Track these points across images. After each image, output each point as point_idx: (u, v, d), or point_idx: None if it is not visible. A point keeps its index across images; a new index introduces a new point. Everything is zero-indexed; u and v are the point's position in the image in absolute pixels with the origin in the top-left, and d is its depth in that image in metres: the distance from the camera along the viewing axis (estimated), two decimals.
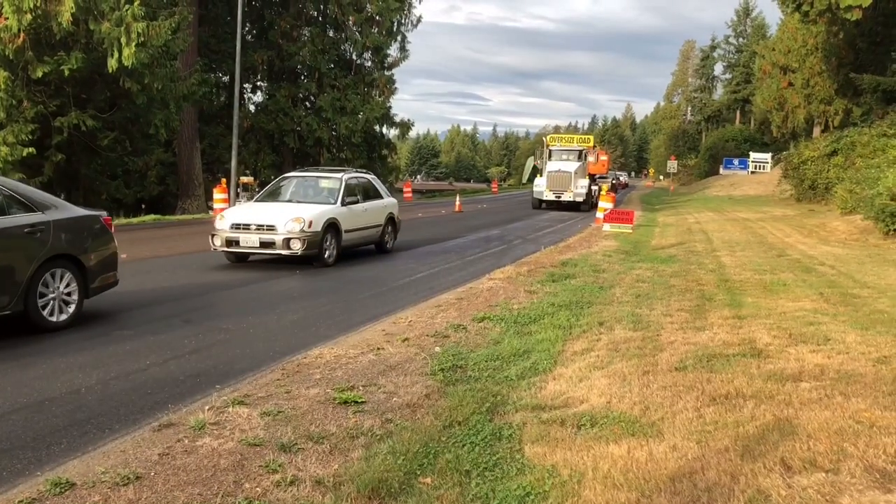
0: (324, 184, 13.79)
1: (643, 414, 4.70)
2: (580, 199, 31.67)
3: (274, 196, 13.85)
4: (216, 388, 5.45)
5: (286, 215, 11.97)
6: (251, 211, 12.75)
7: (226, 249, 12.09)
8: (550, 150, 35.45)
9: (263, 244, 11.87)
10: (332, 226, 12.43)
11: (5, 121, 20.04)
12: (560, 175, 32.06)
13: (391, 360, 6.22)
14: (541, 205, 32.55)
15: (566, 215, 28.34)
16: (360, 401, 5.07)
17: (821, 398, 4.88)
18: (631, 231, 19.36)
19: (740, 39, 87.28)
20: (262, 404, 4.96)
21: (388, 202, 15.00)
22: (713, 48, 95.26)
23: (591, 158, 35.09)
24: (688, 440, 4.20)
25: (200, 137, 32.36)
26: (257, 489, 3.70)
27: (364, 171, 16.39)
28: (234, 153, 27.32)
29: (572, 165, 32.62)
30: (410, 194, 42.92)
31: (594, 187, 34.00)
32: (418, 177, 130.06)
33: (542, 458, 4.06)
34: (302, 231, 11.74)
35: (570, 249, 15.35)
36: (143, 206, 31.29)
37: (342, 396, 5.10)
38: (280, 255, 11.83)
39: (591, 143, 37.50)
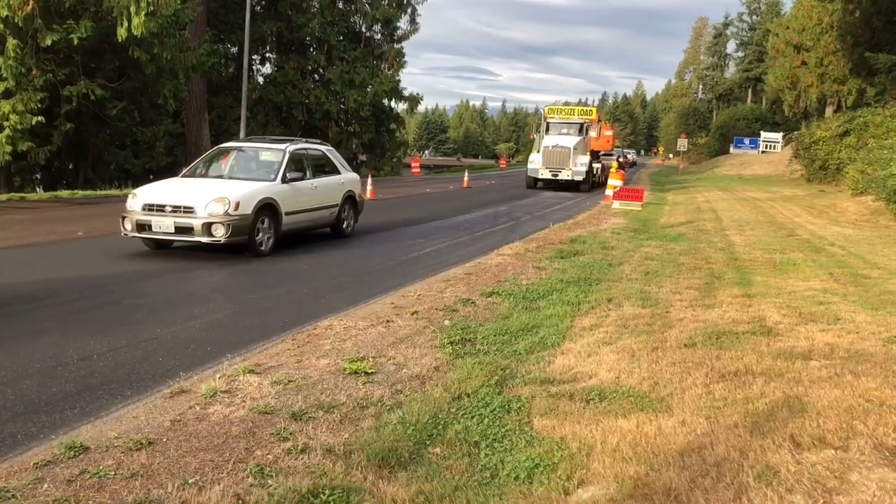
0: (264, 156, 11.82)
1: (652, 389, 4.71)
2: (579, 177, 28.55)
3: (204, 170, 11.81)
4: (227, 357, 5.47)
5: (208, 195, 9.99)
6: (170, 189, 10.75)
7: (137, 235, 10.12)
8: (548, 123, 31.48)
9: (179, 229, 9.84)
10: (267, 207, 10.42)
11: (14, 89, 20.01)
12: (557, 151, 28.73)
13: (400, 332, 6.24)
14: (536, 184, 29.40)
15: (575, 193, 28.03)
16: (369, 371, 5.09)
17: (830, 376, 4.88)
18: (640, 209, 19.30)
19: (754, 17, 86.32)
20: (273, 373, 5.00)
21: (346, 178, 13.08)
22: (726, 25, 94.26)
23: (593, 133, 31.39)
24: (697, 416, 4.21)
25: (209, 109, 32.31)
26: (268, 456, 3.73)
27: (319, 141, 14.15)
28: (242, 125, 27.27)
29: (571, 140, 29.23)
30: (419, 169, 42.88)
31: (596, 165, 31.66)
32: (426, 152, 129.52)
33: (550, 431, 4.07)
34: (226, 214, 9.73)
35: (579, 226, 15.32)
36: (152, 176, 31.24)
37: (352, 367, 5.12)
38: (200, 242, 9.89)
39: (594, 116, 32.92)
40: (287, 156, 11.42)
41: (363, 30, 40.82)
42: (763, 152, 58.60)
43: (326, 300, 7.79)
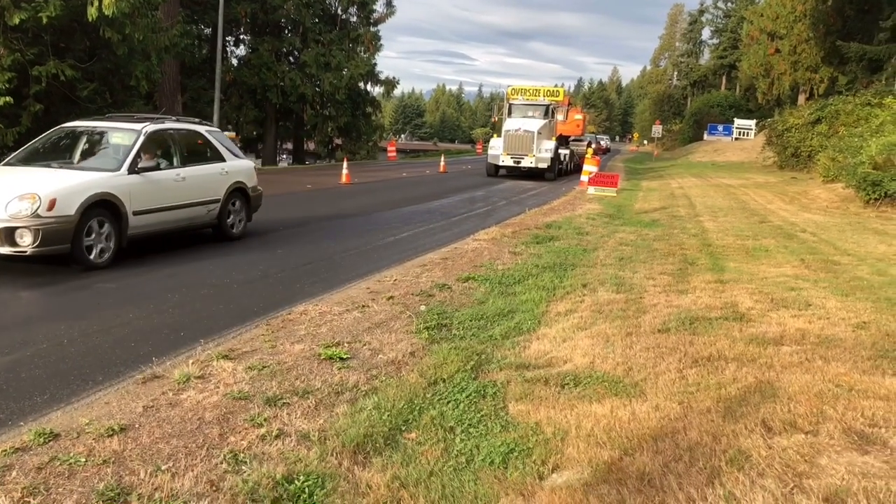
0: (114, 138, 9.32)
1: (626, 374, 4.75)
2: (544, 164, 26.25)
3: (33, 158, 9.20)
4: (200, 343, 5.42)
5: (13, 190, 7.61)
6: None
7: None
8: (511, 105, 28.91)
9: None
10: (102, 205, 8.10)
11: None
12: (520, 135, 26.26)
13: (376, 317, 6.22)
14: (497, 171, 27.14)
15: (544, 180, 27.80)
16: (345, 357, 5.07)
17: (801, 362, 4.95)
18: (615, 195, 19.39)
19: (729, 4, 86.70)
20: (247, 359, 4.96)
21: (233, 166, 10.54)
22: (701, 13, 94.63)
23: (560, 116, 29.26)
24: (670, 401, 4.25)
25: (182, 91, 31.85)
26: (242, 442, 3.70)
27: (198, 120, 11.44)
28: (216, 107, 26.96)
29: (535, 123, 26.80)
30: (395, 154, 42.65)
31: (564, 151, 29.92)
32: (402, 136, 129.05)
33: (525, 416, 4.09)
34: (35, 216, 7.40)
35: (555, 212, 15.36)
36: None
37: (327, 352, 5.10)
38: None
39: (562, 98, 30.49)
40: (142, 138, 9.03)
41: (339, 12, 40.40)
42: (736, 139, 59.03)
43: (301, 285, 7.74)
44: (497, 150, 26.82)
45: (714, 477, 3.29)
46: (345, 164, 23.22)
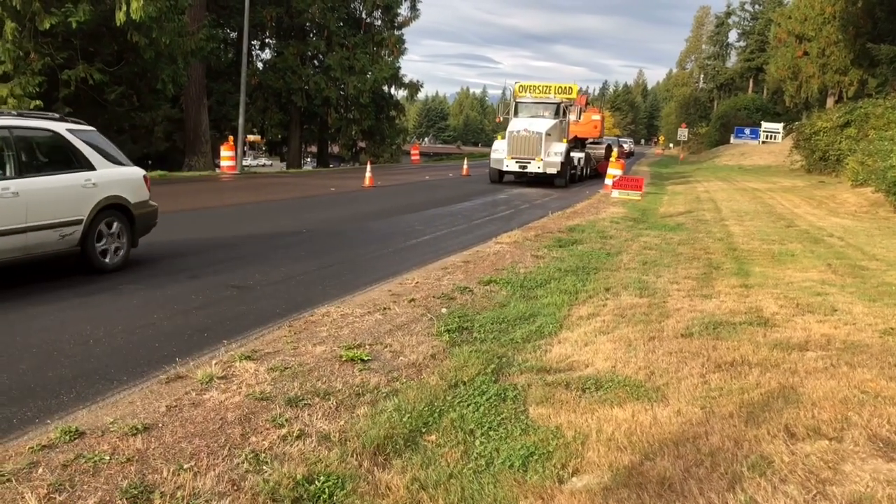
0: None
1: (648, 379, 4.72)
2: (552, 169, 23.37)
3: None
4: (223, 343, 5.47)
5: None
6: None
7: None
8: (517, 103, 26.00)
9: None
10: None
11: (13, 73, 19.91)
12: (526, 136, 23.39)
13: (397, 319, 6.24)
14: (501, 177, 24.48)
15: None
16: (366, 359, 5.09)
17: (826, 367, 4.89)
18: (640, 198, 19.28)
19: (756, 6, 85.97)
20: (270, 360, 5.00)
21: (104, 176, 8.08)
22: (728, 15, 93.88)
23: (573, 116, 26.24)
24: (692, 405, 4.22)
25: (208, 94, 32.15)
26: (264, 443, 3.73)
27: (56, 115, 8.44)
28: (241, 111, 27.15)
29: (544, 124, 23.86)
30: (418, 157, 42.78)
31: (578, 155, 27.01)
32: (426, 139, 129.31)
33: (546, 420, 4.08)
34: None
35: (578, 215, 15.30)
36: (150, 161, 31.20)
37: (349, 354, 5.13)
38: None
39: (575, 95, 26.98)
40: None
41: (363, 16, 40.60)
42: (763, 142, 58.48)
43: (323, 287, 7.78)
44: (500, 154, 23.95)
45: (735, 482, 3.26)
46: (368, 167, 23.31)
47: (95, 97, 23.37)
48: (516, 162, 23.65)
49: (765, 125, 61.49)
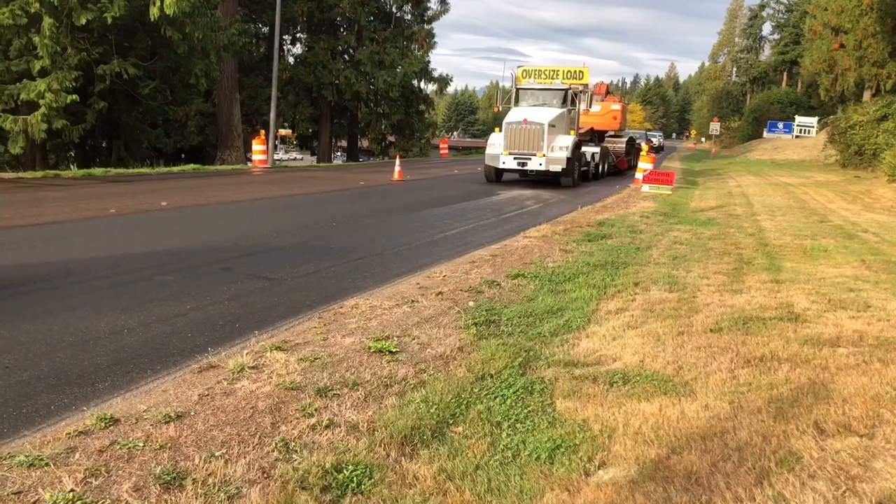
0: None
1: (676, 373, 4.70)
2: (557, 166, 20.10)
3: None
4: (254, 334, 5.55)
5: None
6: None
7: None
8: (518, 90, 22.42)
9: None
10: None
11: (50, 67, 20.27)
12: (525, 128, 20.17)
13: (425, 312, 6.28)
14: (498, 176, 21.41)
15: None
16: (394, 350, 5.14)
17: (858, 364, 4.83)
18: (670, 192, 19.13)
19: None
20: (300, 350, 5.06)
21: None
22: (762, 7, 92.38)
23: (584, 105, 22.58)
24: (720, 400, 4.20)
25: (240, 88, 32.46)
26: (293, 432, 3.79)
27: None
28: (272, 105, 27.37)
29: (547, 113, 20.56)
30: (447, 151, 42.79)
31: (591, 149, 23.97)
32: (455, 133, 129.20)
33: (573, 413, 4.09)
34: None
35: (608, 209, 15.22)
36: (183, 155, 31.65)
37: (377, 346, 5.18)
38: None
39: (586, 80, 23.48)
40: None
41: (393, 10, 40.68)
42: (797, 137, 57.64)
43: (352, 279, 7.84)
44: (496, 149, 20.61)
45: (763, 477, 3.25)
46: (397, 161, 23.38)
47: (130, 91, 23.76)
48: (514, 158, 20.28)
49: (798, 119, 60.58)
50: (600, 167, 25.09)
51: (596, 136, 25.95)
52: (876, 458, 3.42)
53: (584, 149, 22.98)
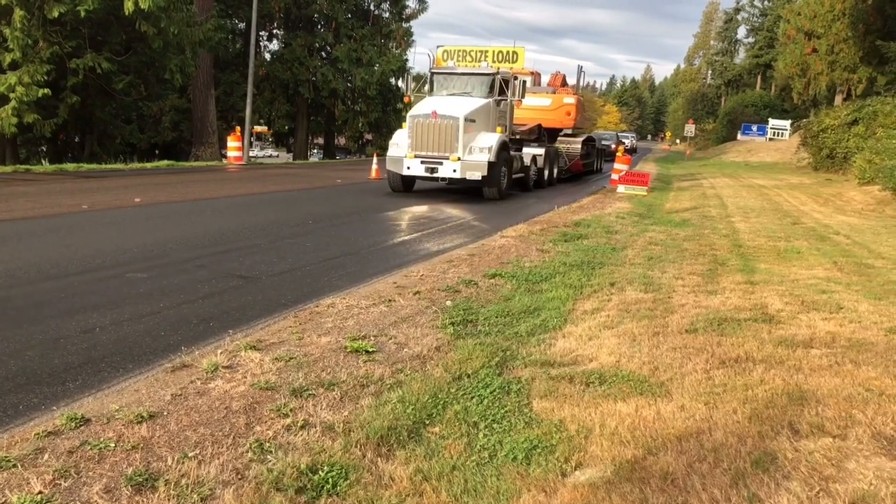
0: None
1: (652, 374, 4.72)
2: (476, 173, 15.89)
3: None
4: (228, 333, 5.49)
5: None
6: None
7: None
8: (433, 75, 18.39)
9: None
10: None
11: (21, 60, 19.96)
12: (434, 124, 16.04)
13: (402, 311, 6.25)
14: (405, 185, 17.11)
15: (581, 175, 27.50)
16: (370, 350, 5.10)
17: (831, 365, 4.88)
18: (645, 194, 19.24)
19: (765, 2, 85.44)
20: (275, 350, 5.01)
21: None
22: (737, 10, 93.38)
23: (517, 96, 17.93)
24: (696, 401, 4.22)
25: (215, 85, 32.17)
26: (268, 432, 3.74)
27: None
28: (248, 101, 27.18)
29: (464, 105, 16.42)
30: None
31: (535, 151, 19.88)
32: None
33: (549, 413, 4.09)
34: None
35: (584, 210, 15.29)
36: (157, 151, 31.30)
37: (353, 345, 5.14)
38: None
39: (521, 63, 20.30)
40: None
41: (371, 8, 40.60)
42: (771, 139, 58.30)
43: (328, 278, 7.79)
44: (399, 150, 16.47)
45: (738, 478, 3.26)
46: (374, 159, 23.31)
47: (103, 86, 23.45)
48: (422, 162, 16.13)
49: (772, 122, 61.28)
50: (545, 172, 21.16)
51: (545, 134, 21.82)
52: (849, 459, 3.45)
53: (525, 150, 19.37)
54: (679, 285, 7.62)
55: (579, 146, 25.22)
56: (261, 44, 39.33)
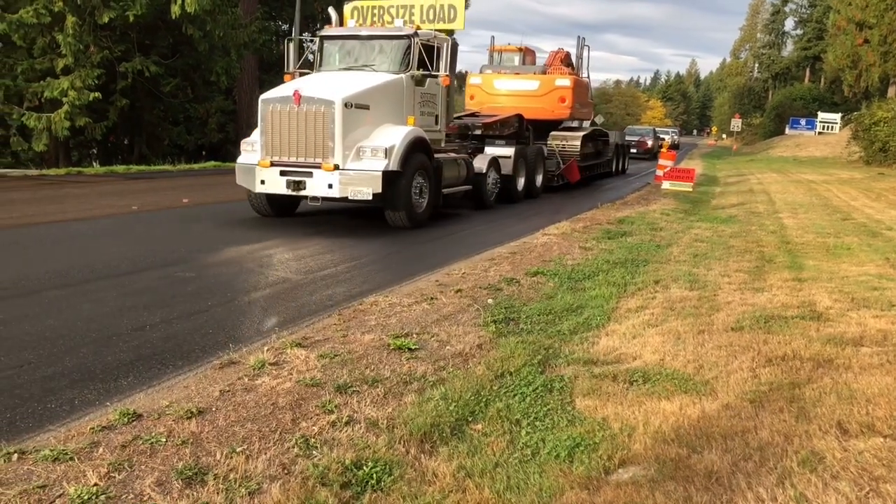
0: None
1: (697, 372, 4.68)
2: (363, 189, 10.38)
3: None
4: (275, 331, 5.59)
5: None
6: None
7: None
8: (322, 41, 13.48)
9: None
10: None
11: (73, 65, 20.49)
12: (297, 113, 10.63)
13: (444, 309, 6.28)
14: (275, 208, 11.63)
15: (627, 170, 27.20)
16: (413, 347, 5.14)
17: (882, 364, 4.78)
18: (691, 190, 18.97)
19: None
20: (320, 347, 5.09)
21: None
22: (785, 2, 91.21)
23: (445, 70, 12.52)
24: (741, 399, 4.17)
25: (260, 86, 32.57)
26: (313, 428, 3.81)
27: None
28: None
29: (350, 83, 11.23)
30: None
31: (501, 152, 15.13)
32: None
33: (592, 411, 4.08)
34: None
35: (628, 206, 15.15)
36: (204, 152, 31.80)
37: (396, 343, 5.19)
38: None
39: (460, 25, 13.90)
40: None
41: None
42: (820, 133, 57.01)
43: (372, 277, 7.86)
44: (251, 157, 11.24)
45: (785, 478, 3.22)
46: None
47: (151, 89, 23.97)
48: (281, 172, 10.72)
49: (821, 115, 59.87)
50: (518, 181, 15.72)
51: (528, 128, 17.23)
52: None
53: (487, 150, 15.03)
54: (725, 283, 7.52)
55: (579, 143, 19.07)
56: (304, 45, 39.69)
